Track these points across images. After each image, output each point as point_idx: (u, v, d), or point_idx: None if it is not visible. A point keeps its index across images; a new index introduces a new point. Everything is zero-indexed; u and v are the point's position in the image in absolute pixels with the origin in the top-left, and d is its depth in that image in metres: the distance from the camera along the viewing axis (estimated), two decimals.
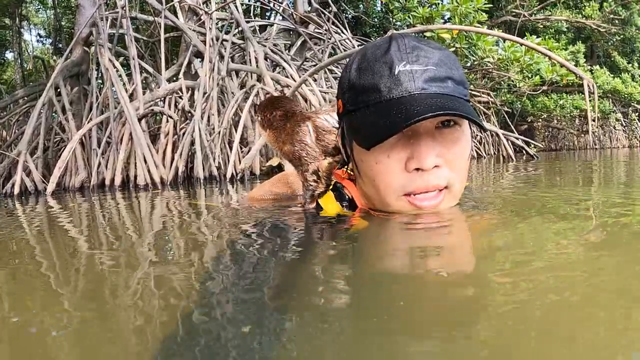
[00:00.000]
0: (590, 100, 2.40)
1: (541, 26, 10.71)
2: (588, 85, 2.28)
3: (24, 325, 0.54)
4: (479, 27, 5.34)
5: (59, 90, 4.41)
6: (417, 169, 0.90)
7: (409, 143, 0.90)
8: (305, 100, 4.19)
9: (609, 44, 11.75)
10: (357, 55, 0.99)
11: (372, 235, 0.91)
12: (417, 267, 0.65)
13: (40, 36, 16.61)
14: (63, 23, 10.62)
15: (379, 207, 1.00)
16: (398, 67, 0.90)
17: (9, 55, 12.09)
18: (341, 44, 6.11)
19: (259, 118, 1.14)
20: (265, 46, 5.22)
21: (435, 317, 0.48)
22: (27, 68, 10.40)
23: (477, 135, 8.21)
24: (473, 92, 8.51)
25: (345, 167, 1.11)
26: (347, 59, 1.30)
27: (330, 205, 1.08)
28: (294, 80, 4.33)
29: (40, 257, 0.93)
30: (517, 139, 6.29)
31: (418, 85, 0.89)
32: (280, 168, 3.91)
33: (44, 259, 0.91)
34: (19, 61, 9.79)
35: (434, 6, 6.16)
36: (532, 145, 6.92)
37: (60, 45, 9.70)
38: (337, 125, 1.10)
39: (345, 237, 0.90)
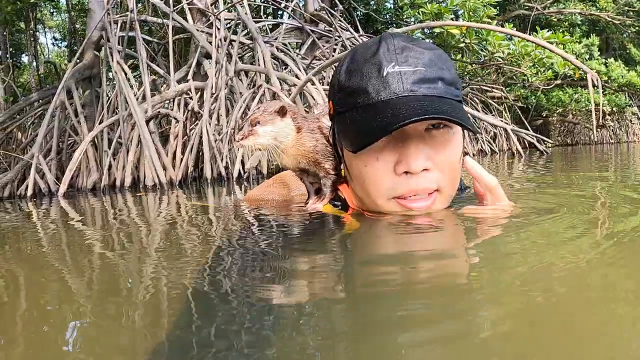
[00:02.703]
0: (595, 93, 2.36)
1: (555, 19, 10.55)
2: (592, 79, 2.25)
3: (39, 317, 0.57)
4: (488, 22, 5.28)
5: (71, 93, 4.49)
6: (406, 172, 0.89)
7: (398, 146, 0.89)
8: (313, 98, 4.20)
9: (624, 36, 11.53)
10: (347, 56, 0.97)
11: (363, 235, 0.91)
12: (406, 268, 0.66)
13: (55, 39, 16.90)
14: (77, 26, 10.76)
15: (370, 208, 0.99)
16: (387, 69, 0.89)
17: (25, 58, 12.32)
18: (351, 42, 6.09)
19: (298, 118, 1.04)
20: (272, 45, 5.23)
21: (424, 315, 0.49)
22: (41, 71, 10.57)
23: (490, 130, 8.14)
24: (485, 88, 8.43)
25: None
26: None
27: (324, 206, 1.09)
28: (300, 79, 4.34)
29: (53, 254, 0.97)
30: (529, 135, 6.21)
31: (406, 87, 0.87)
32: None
33: (57, 255, 0.95)
34: (34, 64, 9.97)
35: (443, 2, 6.12)
36: (543, 142, 6.83)
37: (76, 48, 9.84)
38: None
39: (336, 237, 0.90)
